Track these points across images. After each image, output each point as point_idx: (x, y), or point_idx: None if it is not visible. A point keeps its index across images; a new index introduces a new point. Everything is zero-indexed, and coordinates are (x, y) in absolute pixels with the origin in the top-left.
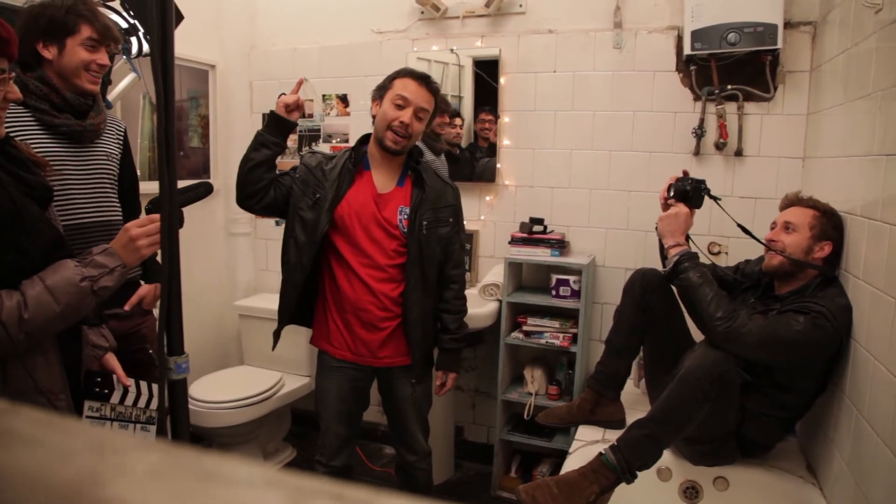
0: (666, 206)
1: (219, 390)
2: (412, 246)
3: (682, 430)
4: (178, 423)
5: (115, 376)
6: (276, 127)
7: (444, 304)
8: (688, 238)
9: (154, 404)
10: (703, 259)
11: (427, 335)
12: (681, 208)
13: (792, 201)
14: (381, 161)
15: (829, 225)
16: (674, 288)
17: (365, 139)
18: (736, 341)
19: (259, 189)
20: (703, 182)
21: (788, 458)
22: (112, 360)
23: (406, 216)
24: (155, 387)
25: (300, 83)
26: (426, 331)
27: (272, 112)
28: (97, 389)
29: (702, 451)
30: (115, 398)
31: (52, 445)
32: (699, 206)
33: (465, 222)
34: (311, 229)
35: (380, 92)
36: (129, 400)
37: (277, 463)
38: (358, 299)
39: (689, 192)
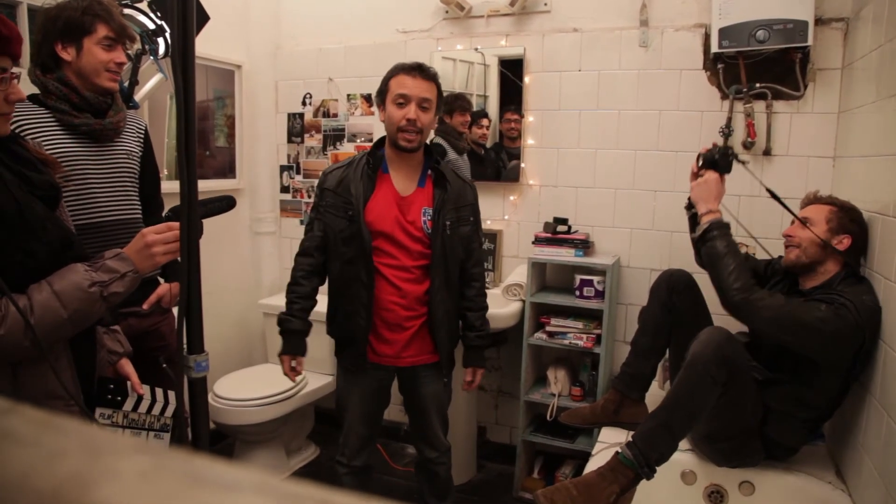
0: (696, 179)
1: (243, 388)
2: (436, 247)
3: (695, 417)
4: (197, 421)
5: (129, 383)
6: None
7: (467, 302)
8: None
9: (169, 411)
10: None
11: (452, 333)
12: (711, 175)
13: (811, 200)
14: (399, 163)
15: (847, 218)
16: (703, 251)
17: (382, 142)
18: (750, 312)
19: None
20: (730, 148)
21: (817, 462)
22: (127, 366)
23: (430, 217)
24: (170, 394)
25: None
26: (451, 329)
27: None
28: (109, 396)
29: (723, 449)
30: (129, 405)
31: (44, 446)
32: (728, 171)
33: (488, 222)
34: (358, 244)
35: (380, 97)
36: (143, 407)
37: (301, 461)
38: (383, 300)
39: (717, 159)
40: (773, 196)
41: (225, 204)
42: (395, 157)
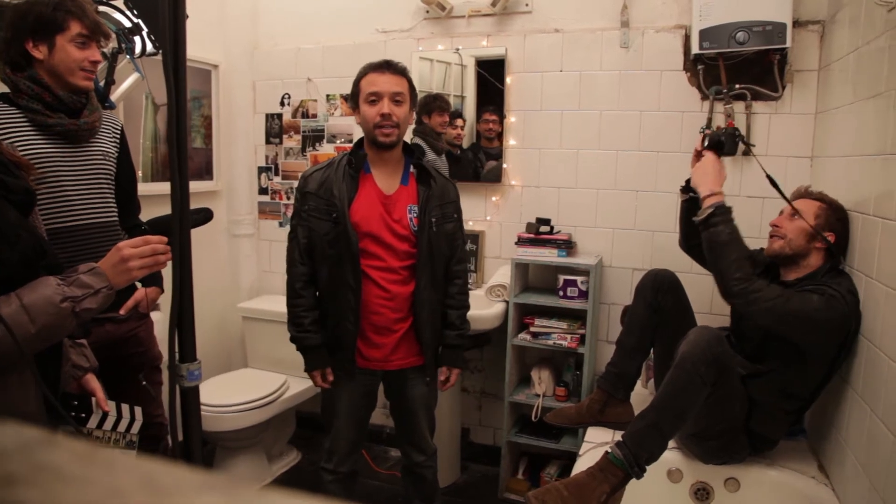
0: (699, 160)
1: (223, 394)
2: (423, 244)
3: (684, 417)
4: (190, 431)
5: (93, 399)
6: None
7: (449, 299)
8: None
9: (135, 428)
10: None
11: (436, 333)
12: (708, 155)
13: (801, 194)
14: (380, 162)
15: (834, 217)
16: (704, 236)
17: (361, 142)
18: (748, 303)
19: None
20: (737, 130)
21: (799, 458)
22: (92, 382)
23: (415, 215)
24: (137, 410)
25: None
26: (435, 329)
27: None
28: (73, 413)
29: (711, 447)
30: (93, 422)
31: (98, 483)
32: (733, 154)
33: (471, 223)
34: (345, 246)
35: (354, 100)
36: (108, 424)
37: (282, 466)
38: (372, 303)
39: (723, 140)
40: (772, 182)
41: (202, 217)
42: (375, 156)
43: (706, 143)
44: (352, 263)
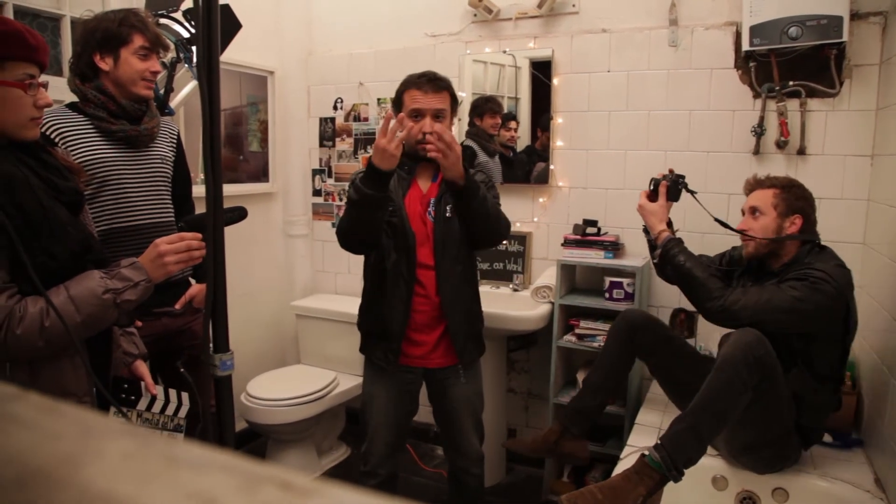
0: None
1: (275, 388)
2: (438, 231)
3: (723, 421)
4: (223, 419)
5: (142, 383)
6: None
7: None
8: (670, 224)
9: (182, 412)
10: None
11: (468, 318)
12: (647, 204)
13: (752, 185)
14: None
15: (793, 197)
16: (668, 270)
17: None
18: (730, 317)
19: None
20: (681, 177)
21: (855, 470)
22: (141, 367)
23: (433, 207)
24: (184, 395)
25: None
26: (466, 315)
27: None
28: (123, 395)
29: (767, 456)
30: (142, 405)
31: (43, 428)
32: (676, 200)
33: (518, 224)
34: (401, 239)
35: (397, 108)
36: (157, 407)
37: (332, 461)
38: (414, 301)
39: (668, 187)
40: (721, 223)
41: (237, 215)
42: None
43: (652, 187)
44: (407, 255)
